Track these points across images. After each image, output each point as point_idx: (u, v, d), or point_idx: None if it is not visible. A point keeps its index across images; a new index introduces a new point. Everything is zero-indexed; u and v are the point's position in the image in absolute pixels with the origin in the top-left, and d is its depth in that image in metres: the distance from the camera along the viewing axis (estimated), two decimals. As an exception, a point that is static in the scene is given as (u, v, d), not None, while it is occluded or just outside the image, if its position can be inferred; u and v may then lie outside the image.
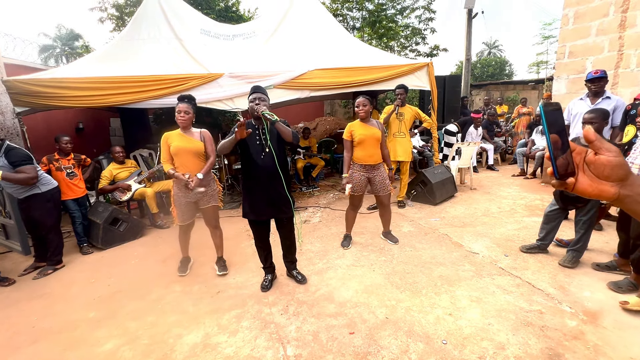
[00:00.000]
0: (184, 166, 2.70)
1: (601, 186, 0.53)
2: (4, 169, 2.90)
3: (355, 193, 3.17)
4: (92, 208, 4.03)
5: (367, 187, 3.22)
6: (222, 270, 2.94)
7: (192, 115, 2.71)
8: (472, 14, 10.24)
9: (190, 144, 2.71)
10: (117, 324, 2.34)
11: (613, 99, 3.40)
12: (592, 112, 2.59)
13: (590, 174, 0.54)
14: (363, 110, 3.08)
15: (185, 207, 2.78)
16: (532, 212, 4.12)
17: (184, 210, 2.78)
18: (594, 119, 2.53)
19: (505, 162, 7.64)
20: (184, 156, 2.70)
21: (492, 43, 32.44)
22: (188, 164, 2.71)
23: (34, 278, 3.15)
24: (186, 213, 2.80)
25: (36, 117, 5.44)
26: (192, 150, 2.71)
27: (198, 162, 2.75)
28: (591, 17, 4.67)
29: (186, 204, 2.77)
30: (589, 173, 0.54)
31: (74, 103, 3.95)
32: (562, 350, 1.83)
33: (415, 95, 10.25)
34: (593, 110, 2.67)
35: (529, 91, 12.58)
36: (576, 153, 0.55)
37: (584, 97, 3.55)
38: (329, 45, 5.25)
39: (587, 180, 0.54)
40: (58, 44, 19.60)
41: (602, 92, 3.44)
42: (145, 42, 4.72)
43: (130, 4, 8.33)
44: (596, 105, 3.36)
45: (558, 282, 2.52)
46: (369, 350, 1.91)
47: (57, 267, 3.31)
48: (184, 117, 2.66)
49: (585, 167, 0.54)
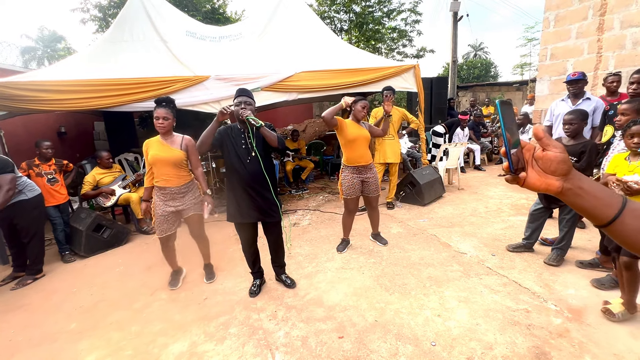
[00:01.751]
0: (162, 177, 2.54)
1: (548, 180, 0.59)
2: None
3: (349, 197, 3.15)
4: (74, 214, 3.91)
5: (361, 190, 3.19)
6: (209, 278, 2.87)
7: (171, 121, 2.52)
8: (457, 17, 10.42)
9: (169, 153, 2.52)
10: (99, 334, 2.26)
11: (593, 100, 3.49)
12: (572, 114, 2.66)
13: (538, 169, 0.59)
14: (364, 112, 3.10)
15: (165, 217, 2.58)
16: (518, 211, 4.19)
17: (161, 220, 2.58)
18: (574, 120, 2.59)
19: (492, 162, 7.77)
20: (161, 167, 2.52)
21: (478, 45, 33.11)
22: (166, 175, 2.54)
23: (12, 289, 3.04)
24: (165, 224, 2.59)
25: (15, 121, 5.26)
26: (170, 161, 2.52)
27: (178, 173, 2.57)
28: (571, 20, 4.80)
29: (163, 214, 2.57)
30: (537, 168, 0.59)
31: (55, 107, 3.82)
32: (549, 349, 1.85)
33: (402, 96, 10.35)
34: (572, 111, 2.73)
35: (514, 92, 12.87)
36: (526, 150, 0.61)
37: (565, 98, 3.64)
38: (316, 47, 5.24)
39: (536, 175, 0.60)
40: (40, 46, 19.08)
41: (582, 93, 3.53)
42: (129, 44, 4.62)
43: (114, 5, 8.17)
44: (577, 106, 3.45)
45: (543, 280, 2.56)
46: (359, 355, 1.90)
47: (37, 277, 3.19)
48: (163, 123, 2.46)
49: (534, 163, 0.60)
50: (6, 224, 3.06)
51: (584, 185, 0.58)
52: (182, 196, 2.62)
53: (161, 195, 2.58)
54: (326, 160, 7.45)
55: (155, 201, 2.60)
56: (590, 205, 0.58)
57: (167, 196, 2.58)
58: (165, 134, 2.55)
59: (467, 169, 7.02)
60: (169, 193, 2.58)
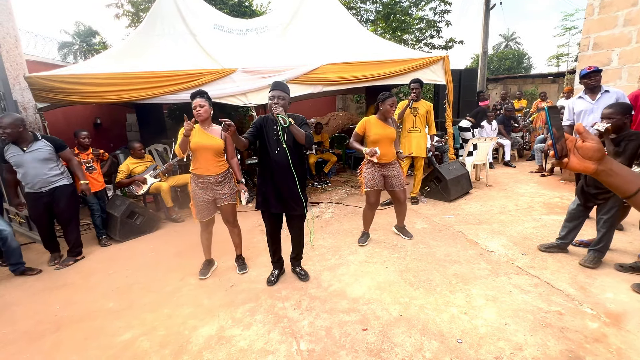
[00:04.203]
0: (201, 163, 2.63)
1: (585, 164, 0.76)
2: (42, 152, 3.12)
3: (370, 189, 3.13)
4: (109, 201, 4.14)
5: (382, 183, 3.17)
6: (242, 269, 2.94)
7: (208, 108, 2.62)
8: (489, 6, 9.93)
9: (211, 140, 2.62)
10: (134, 314, 2.40)
11: (612, 92, 3.28)
12: (611, 107, 2.50)
13: (579, 155, 0.77)
14: (392, 110, 3.05)
15: (203, 204, 2.71)
16: (551, 210, 4.00)
17: (202, 207, 2.72)
18: (613, 114, 2.46)
19: (523, 159, 7.43)
20: (202, 153, 2.61)
21: (510, 35, 31.47)
22: (206, 162, 2.63)
23: (55, 268, 3.27)
24: (204, 210, 2.73)
25: (56, 112, 5.60)
26: (212, 148, 2.62)
27: (217, 161, 2.67)
28: (618, 6, 4.45)
29: (204, 201, 2.70)
30: (578, 155, 0.77)
31: (92, 99, 4.03)
32: (583, 353, 1.78)
33: (429, 89, 10.06)
34: (612, 105, 2.56)
35: (549, 85, 12.17)
36: (569, 141, 0.78)
37: (582, 95, 3.44)
38: (342, 39, 5.18)
39: (576, 160, 0.77)
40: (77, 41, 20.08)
41: (599, 86, 3.32)
42: (160, 37, 4.77)
43: (146, 0, 8.43)
44: (597, 101, 3.29)
45: (578, 282, 2.44)
46: (383, 347, 1.90)
47: (77, 259, 3.42)
48: (200, 110, 2.57)
49: (575, 151, 0.77)
50: (46, 209, 3.23)
51: (614, 167, 0.76)
52: (219, 185, 2.72)
53: (199, 183, 2.69)
54: (349, 153, 7.41)
55: (194, 189, 2.72)
56: (619, 182, 0.76)
57: (205, 185, 2.68)
58: (205, 122, 2.65)
59: (496, 165, 6.76)
60: (207, 182, 2.68)
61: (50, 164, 3.18)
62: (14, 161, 3.05)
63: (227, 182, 2.77)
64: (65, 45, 19.23)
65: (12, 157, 3.05)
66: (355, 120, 9.05)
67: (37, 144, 3.12)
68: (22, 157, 3.05)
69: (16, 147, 3.06)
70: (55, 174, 3.20)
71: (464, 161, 5.29)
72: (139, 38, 4.79)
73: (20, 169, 3.08)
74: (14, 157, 3.05)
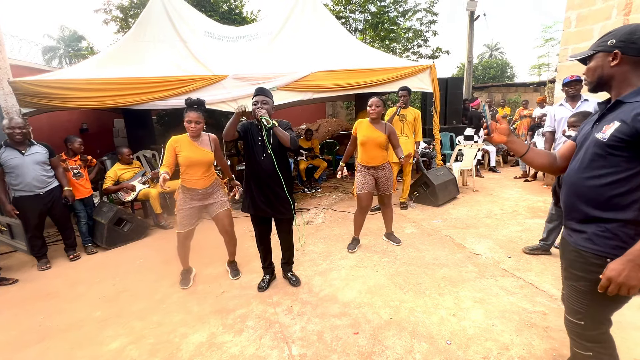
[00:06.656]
0: (191, 176, 2.58)
1: (501, 138, 1.41)
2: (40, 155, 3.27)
3: (362, 191, 3.18)
4: (96, 208, 4.06)
5: (374, 185, 3.21)
6: (235, 274, 2.92)
7: (202, 125, 2.57)
8: (474, 17, 10.26)
9: (202, 155, 2.58)
10: (122, 323, 2.35)
11: (591, 101, 3.45)
12: (575, 116, 2.75)
13: (498, 134, 1.41)
14: (375, 111, 3.06)
15: (189, 212, 2.63)
16: (535, 214, 4.12)
17: (186, 215, 2.63)
18: (577, 122, 2.67)
19: (507, 164, 7.64)
20: (193, 168, 2.56)
21: (494, 45, 32.43)
22: (196, 175, 2.58)
23: (71, 260, 3.53)
24: (187, 219, 2.64)
25: (41, 118, 5.48)
26: (203, 162, 2.58)
27: (206, 173, 2.63)
28: (594, 19, 4.69)
29: (190, 210, 2.63)
30: (497, 133, 1.41)
31: (79, 104, 3.97)
32: (566, 351, 1.83)
33: (417, 97, 10.26)
34: (576, 114, 2.82)
35: (531, 93, 12.59)
36: (492, 124, 1.41)
37: (563, 102, 3.61)
38: (331, 47, 5.27)
39: (496, 135, 1.41)
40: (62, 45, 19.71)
41: (579, 95, 3.50)
42: (149, 43, 4.75)
43: (135, 6, 8.38)
44: (577, 109, 3.45)
45: (561, 283, 2.52)
46: (374, 350, 1.93)
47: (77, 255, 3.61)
48: (195, 127, 2.51)
49: (496, 131, 1.41)
50: (42, 212, 3.32)
51: (514, 140, 1.41)
52: (208, 197, 2.70)
53: (188, 194, 2.64)
54: (339, 159, 7.47)
55: (181, 197, 2.65)
56: (516, 147, 1.41)
57: (195, 197, 2.65)
58: (196, 136, 2.60)
59: (482, 171, 6.93)
60: (196, 194, 2.64)
61: (46, 167, 3.34)
62: (12, 164, 3.09)
63: (215, 191, 2.74)
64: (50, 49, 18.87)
65: (10, 160, 3.08)
66: (345, 127, 9.15)
67: (34, 148, 3.28)
68: (22, 160, 3.14)
69: (14, 150, 3.12)
70: (50, 176, 3.36)
71: (451, 167, 5.41)
72: (129, 43, 4.76)
73: (15, 172, 3.12)
74: (13, 160, 3.09)
